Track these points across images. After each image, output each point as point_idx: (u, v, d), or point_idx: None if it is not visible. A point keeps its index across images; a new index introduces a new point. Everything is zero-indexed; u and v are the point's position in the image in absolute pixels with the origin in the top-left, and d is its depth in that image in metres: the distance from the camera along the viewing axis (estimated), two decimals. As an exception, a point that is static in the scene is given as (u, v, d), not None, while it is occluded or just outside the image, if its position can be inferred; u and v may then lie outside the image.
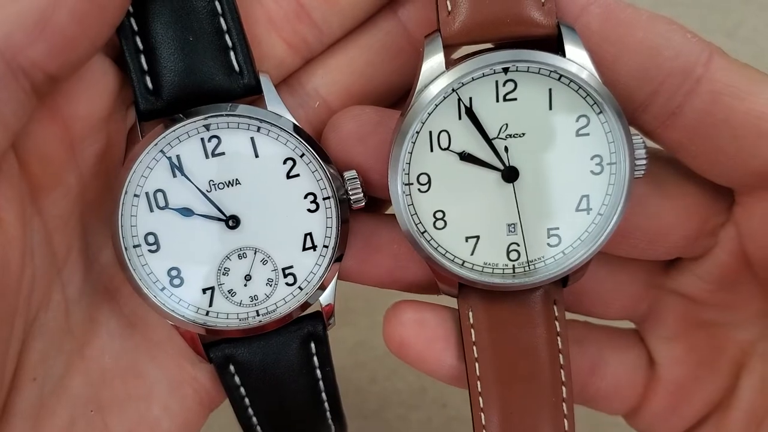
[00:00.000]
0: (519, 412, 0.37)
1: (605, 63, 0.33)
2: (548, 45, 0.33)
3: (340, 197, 0.36)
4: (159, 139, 0.34)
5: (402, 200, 0.34)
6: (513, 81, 0.33)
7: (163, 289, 0.36)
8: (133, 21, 0.34)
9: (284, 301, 0.37)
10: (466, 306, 0.37)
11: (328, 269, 0.37)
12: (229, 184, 0.35)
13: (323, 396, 0.39)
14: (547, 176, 0.35)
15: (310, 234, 0.36)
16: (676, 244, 0.37)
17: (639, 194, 0.35)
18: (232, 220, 0.35)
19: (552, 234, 0.36)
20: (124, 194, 0.34)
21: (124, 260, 0.35)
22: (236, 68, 0.35)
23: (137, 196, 0.34)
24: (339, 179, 0.35)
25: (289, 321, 0.37)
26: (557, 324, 0.37)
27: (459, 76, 0.33)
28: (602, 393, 0.40)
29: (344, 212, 0.36)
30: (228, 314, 0.37)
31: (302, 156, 0.35)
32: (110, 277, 0.37)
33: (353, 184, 0.35)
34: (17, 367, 0.33)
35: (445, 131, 0.34)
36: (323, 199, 0.36)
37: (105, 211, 0.35)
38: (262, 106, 0.35)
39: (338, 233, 0.36)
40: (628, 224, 0.36)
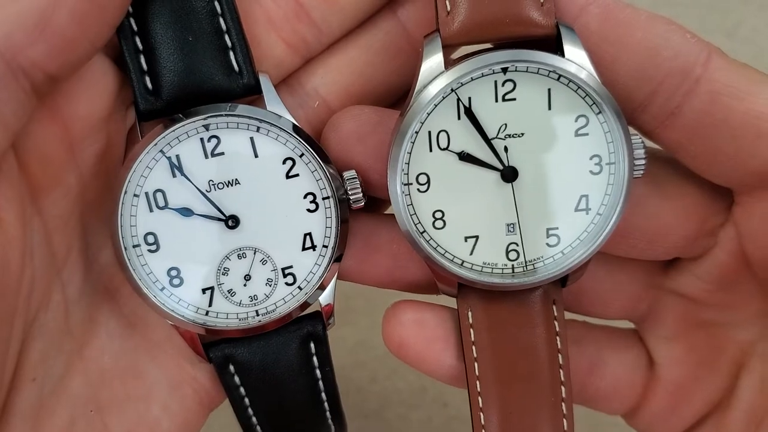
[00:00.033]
0: (518, 412, 0.37)
1: (604, 63, 0.33)
2: (547, 45, 0.33)
3: (340, 197, 0.36)
4: (159, 139, 0.34)
5: (401, 200, 0.34)
6: (512, 81, 0.33)
7: (163, 289, 0.36)
8: (133, 21, 0.34)
9: (284, 301, 0.37)
10: (466, 306, 0.37)
11: (328, 269, 0.37)
12: (229, 184, 0.35)
13: (323, 396, 0.39)
14: (547, 176, 0.35)
15: (310, 234, 0.36)
16: (676, 244, 0.37)
17: (638, 194, 0.35)
18: (232, 220, 0.35)
19: (551, 234, 0.36)
20: (124, 194, 0.34)
21: (124, 260, 0.35)
22: (236, 68, 0.35)
23: (137, 196, 0.35)
24: (338, 179, 0.36)
25: (289, 321, 0.37)
26: (556, 324, 0.37)
27: (458, 76, 0.33)
28: (601, 393, 0.40)
29: (344, 212, 0.36)
30: (228, 314, 0.37)
31: (302, 156, 0.35)
32: (110, 277, 0.37)
33: (353, 184, 0.35)
34: (17, 368, 0.33)
35: (444, 131, 0.34)
36: (323, 199, 0.36)
37: (105, 211, 0.35)
38: (262, 106, 0.35)
39: (338, 233, 0.36)
40: (627, 224, 0.36)
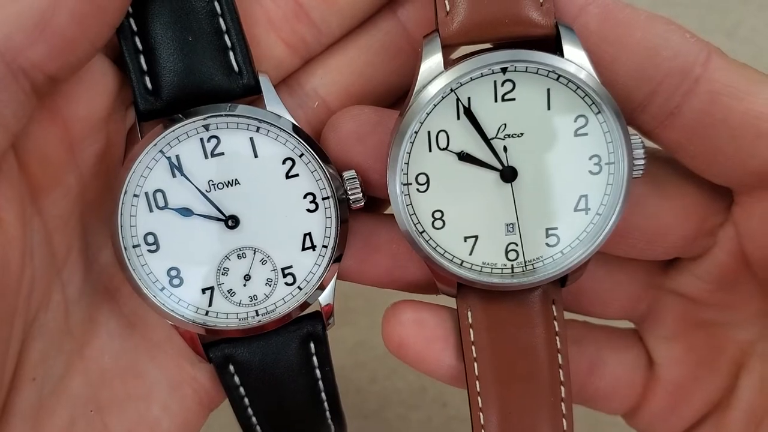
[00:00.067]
0: (518, 412, 0.37)
1: (603, 63, 0.33)
2: (547, 45, 0.33)
3: (340, 197, 0.36)
4: (158, 140, 0.34)
5: (401, 200, 0.34)
6: (511, 81, 0.33)
7: (163, 289, 0.36)
8: (133, 21, 0.34)
9: (283, 301, 0.37)
10: (465, 306, 0.37)
11: (328, 269, 0.37)
12: (229, 184, 0.35)
13: (323, 396, 0.39)
14: (546, 176, 0.35)
15: (310, 234, 0.36)
16: (675, 244, 0.37)
17: (637, 194, 0.35)
18: (232, 220, 0.35)
19: (551, 234, 0.36)
20: (124, 194, 0.34)
21: (124, 260, 0.35)
22: (235, 68, 0.35)
23: (137, 196, 0.35)
24: (338, 179, 0.36)
25: (289, 321, 0.37)
26: (556, 324, 0.37)
27: (457, 76, 0.33)
28: (601, 393, 0.40)
29: (343, 212, 0.36)
30: (227, 314, 0.37)
31: (301, 156, 0.35)
32: (110, 277, 0.37)
33: (352, 184, 0.35)
34: (17, 367, 0.33)
35: (444, 131, 0.34)
36: (322, 199, 0.36)
37: (105, 211, 0.35)
38: (262, 107, 0.35)
39: (337, 233, 0.36)
40: (627, 224, 0.36)
